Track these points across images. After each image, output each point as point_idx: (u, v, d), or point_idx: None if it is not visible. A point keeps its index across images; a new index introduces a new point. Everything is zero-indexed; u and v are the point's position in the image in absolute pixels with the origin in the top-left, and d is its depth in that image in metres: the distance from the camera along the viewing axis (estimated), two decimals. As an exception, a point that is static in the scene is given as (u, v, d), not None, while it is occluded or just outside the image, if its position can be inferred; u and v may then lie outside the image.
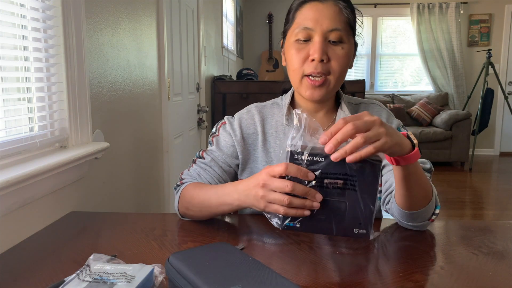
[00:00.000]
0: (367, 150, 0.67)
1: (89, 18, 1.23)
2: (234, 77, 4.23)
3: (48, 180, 0.98)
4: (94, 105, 1.26)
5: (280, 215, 0.71)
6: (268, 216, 0.74)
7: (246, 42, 6.01)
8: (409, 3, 6.08)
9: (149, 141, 1.82)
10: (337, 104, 1.07)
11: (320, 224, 0.71)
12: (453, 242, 0.88)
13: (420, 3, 6.03)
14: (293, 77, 0.98)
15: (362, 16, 1.02)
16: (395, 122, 1.07)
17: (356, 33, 1.00)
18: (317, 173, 0.69)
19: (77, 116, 1.16)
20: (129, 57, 1.56)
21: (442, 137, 5.30)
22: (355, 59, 1.04)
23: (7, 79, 0.97)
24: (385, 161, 0.97)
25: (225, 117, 1.09)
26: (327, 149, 0.67)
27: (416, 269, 0.74)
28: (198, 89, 2.87)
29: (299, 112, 0.70)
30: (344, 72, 0.97)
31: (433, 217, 0.91)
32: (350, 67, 1.00)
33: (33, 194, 0.95)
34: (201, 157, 1.04)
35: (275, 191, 0.71)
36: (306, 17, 0.94)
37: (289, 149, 0.68)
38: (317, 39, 0.92)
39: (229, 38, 4.44)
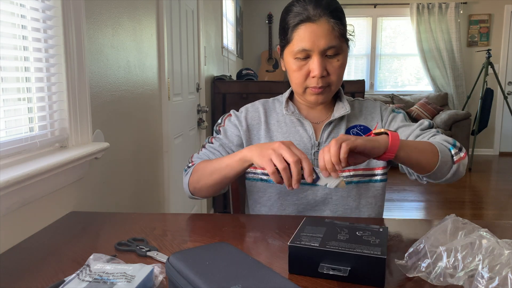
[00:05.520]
0: (343, 148, 0.79)
1: (89, 18, 1.23)
2: (234, 77, 4.23)
3: (48, 180, 0.98)
4: (94, 105, 1.26)
5: None
6: None
7: (246, 42, 6.01)
8: (408, 3, 6.08)
9: (149, 141, 1.82)
10: (334, 98, 1.15)
11: None
12: (453, 242, 0.88)
13: (420, 3, 6.03)
14: (296, 89, 1.07)
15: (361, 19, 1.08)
16: (389, 108, 1.16)
17: (348, 36, 1.06)
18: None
19: (77, 116, 1.16)
20: (129, 57, 1.56)
21: (442, 137, 5.29)
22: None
23: (7, 79, 0.97)
24: (395, 126, 1.10)
25: (231, 111, 1.18)
26: (325, 173, 0.82)
27: (416, 269, 0.74)
28: (198, 89, 2.87)
29: None
30: (341, 78, 1.06)
31: (455, 158, 0.96)
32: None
33: (33, 194, 0.95)
34: (210, 142, 1.15)
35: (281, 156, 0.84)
36: (302, 38, 0.99)
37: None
38: (315, 58, 0.99)
39: (229, 38, 4.44)
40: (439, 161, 0.92)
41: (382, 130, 0.89)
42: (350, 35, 1.05)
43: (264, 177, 1.11)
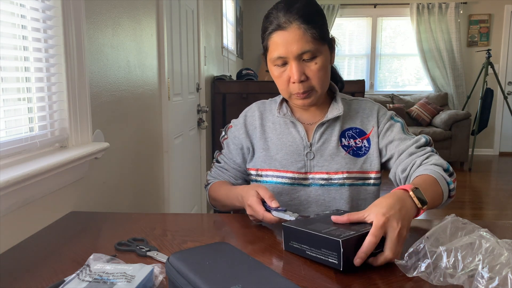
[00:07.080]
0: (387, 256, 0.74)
1: (89, 18, 1.23)
2: (234, 77, 4.23)
3: (48, 180, 0.98)
4: (94, 105, 1.26)
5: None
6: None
7: (246, 42, 6.01)
8: (408, 3, 6.08)
9: (149, 141, 1.82)
10: (330, 97, 1.15)
11: None
12: (453, 242, 0.88)
13: (420, 3, 6.03)
14: (283, 95, 1.09)
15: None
16: (388, 114, 1.14)
17: (330, 36, 1.05)
18: None
19: (77, 116, 1.16)
20: (129, 57, 1.56)
21: (442, 137, 5.30)
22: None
23: (7, 79, 0.98)
24: (391, 137, 1.09)
25: (232, 121, 1.22)
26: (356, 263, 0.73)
27: (416, 269, 0.74)
28: (198, 89, 2.87)
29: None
30: (325, 79, 1.04)
31: (452, 193, 1.00)
32: (332, 62, 1.08)
33: (33, 194, 0.95)
34: (218, 161, 1.22)
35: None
36: (276, 46, 1.00)
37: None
38: (292, 64, 1.00)
39: (229, 38, 4.44)
40: (442, 201, 0.97)
41: (416, 200, 0.82)
42: (331, 36, 1.05)
43: (259, 178, 1.13)
